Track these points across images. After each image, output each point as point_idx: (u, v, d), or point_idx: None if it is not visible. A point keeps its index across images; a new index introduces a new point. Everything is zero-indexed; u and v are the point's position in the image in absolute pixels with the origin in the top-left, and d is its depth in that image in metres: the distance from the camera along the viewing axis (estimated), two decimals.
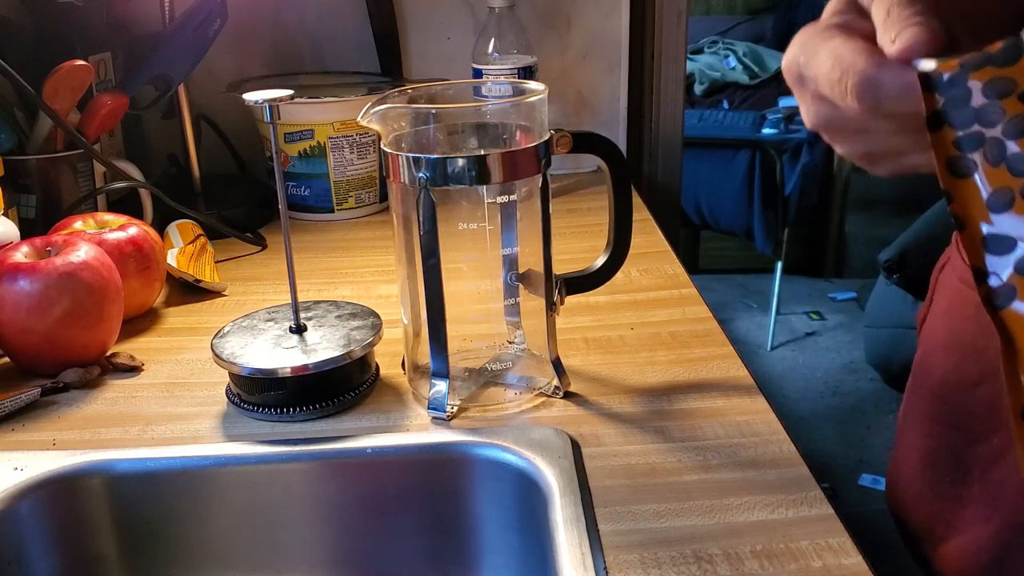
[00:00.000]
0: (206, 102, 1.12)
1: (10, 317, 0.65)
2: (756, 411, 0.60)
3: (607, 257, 0.66)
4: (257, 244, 0.96)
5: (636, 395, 0.63)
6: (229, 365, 0.61)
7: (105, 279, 0.68)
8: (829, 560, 0.47)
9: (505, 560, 0.59)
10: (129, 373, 0.69)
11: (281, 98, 0.58)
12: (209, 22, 0.96)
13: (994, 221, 0.35)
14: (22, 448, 0.59)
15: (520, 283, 0.63)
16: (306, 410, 0.61)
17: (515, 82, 0.69)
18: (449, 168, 0.56)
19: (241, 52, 1.14)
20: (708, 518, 0.50)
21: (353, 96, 1.01)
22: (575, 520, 0.50)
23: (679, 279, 0.83)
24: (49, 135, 0.87)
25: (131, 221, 0.78)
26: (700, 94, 3.23)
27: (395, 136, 0.59)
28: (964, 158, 0.36)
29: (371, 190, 1.06)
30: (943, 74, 0.36)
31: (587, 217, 1.00)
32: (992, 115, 0.35)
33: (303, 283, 0.83)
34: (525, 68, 1.03)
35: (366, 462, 0.58)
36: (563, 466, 0.54)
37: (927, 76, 0.36)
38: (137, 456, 0.58)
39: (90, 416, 0.63)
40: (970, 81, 0.35)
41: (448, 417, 0.60)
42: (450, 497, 0.59)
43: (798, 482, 0.53)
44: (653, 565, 0.47)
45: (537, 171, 0.59)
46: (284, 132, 1.01)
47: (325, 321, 0.65)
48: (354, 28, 1.15)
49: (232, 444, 0.59)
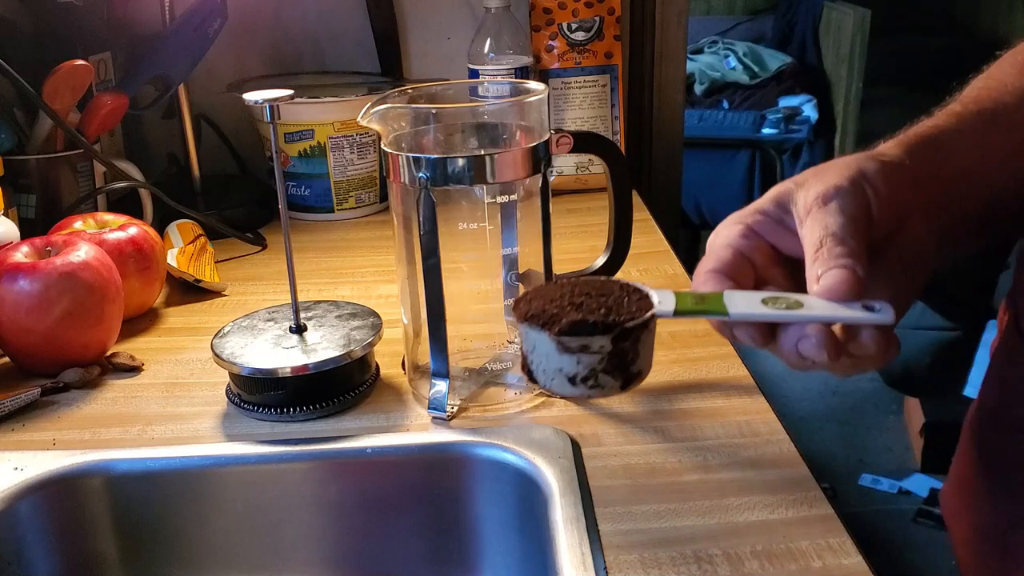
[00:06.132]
0: (206, 102, 1.12)
1: (10, 317, 0.65)
2: (756, 411, 0.60)
3: (607, 257, 0.66)
4: (257, 244, 0.96)
5: (636, 395, 0.63)
6: (229, 365, 0.61)
7: (105, 279, 0.68)
8: (829, 560, 0.47)
9: (505, 560, 0.59)
10: (129, 373, 0.69)
11: (281, 98, 0.58)
12: (209, 22, 0.96)
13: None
14: (22, 448, 0.59)
15: (520, 283, 0.63)
16: (306, 410, 0.61)
17: (515, 82, 0.69)
18: (449, 168, 0.56)
19: (241, 52, 1.14)
20: (708, 518, 0.50)
21: (353, 96, 1.01)
22: (575, 520, 0.50)
23: (679, 279, 0.83)
24: (49, 135, 0.87)
25: (131, 221, 0.78)
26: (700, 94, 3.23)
27: (395, 136, 0.59)
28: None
29: (371, 190, 1.06)
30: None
31: (587, 217, 1.00)
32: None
33: (303, 283, 0.83)
34: (521, 68, 1.03)
35: (366, 462, 0.58)
36: (563, 466, 0.54)
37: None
38: (137, 456, 0.58)
39: (90, 416, 0.63)
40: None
41: (448, 417, 0.60)
42: (450, 497, 0.59)
43: (798, 482, 0.53)
44: (653, 565, 0.47)
45: (537, 171, 0.59)
46: (284, 132, 1.01)
47: (325, 321, 0.65)
48: (354, 28, 1.15)
49: (232, 444, 0.59)
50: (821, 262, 0.42)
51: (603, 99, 1.09)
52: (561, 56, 1.07)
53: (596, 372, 0.42)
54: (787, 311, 0.41)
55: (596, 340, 0.41)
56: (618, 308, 0.42)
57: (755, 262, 0.46)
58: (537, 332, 0.41)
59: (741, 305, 0.41)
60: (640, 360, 0.43)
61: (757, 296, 0.42)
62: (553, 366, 0.42)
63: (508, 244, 0.61)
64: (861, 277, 0.41)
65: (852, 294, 0.41)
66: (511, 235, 0.61)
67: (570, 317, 0.41)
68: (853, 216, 0.43)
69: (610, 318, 0.41)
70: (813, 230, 0.43)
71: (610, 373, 0.42)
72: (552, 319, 0.41)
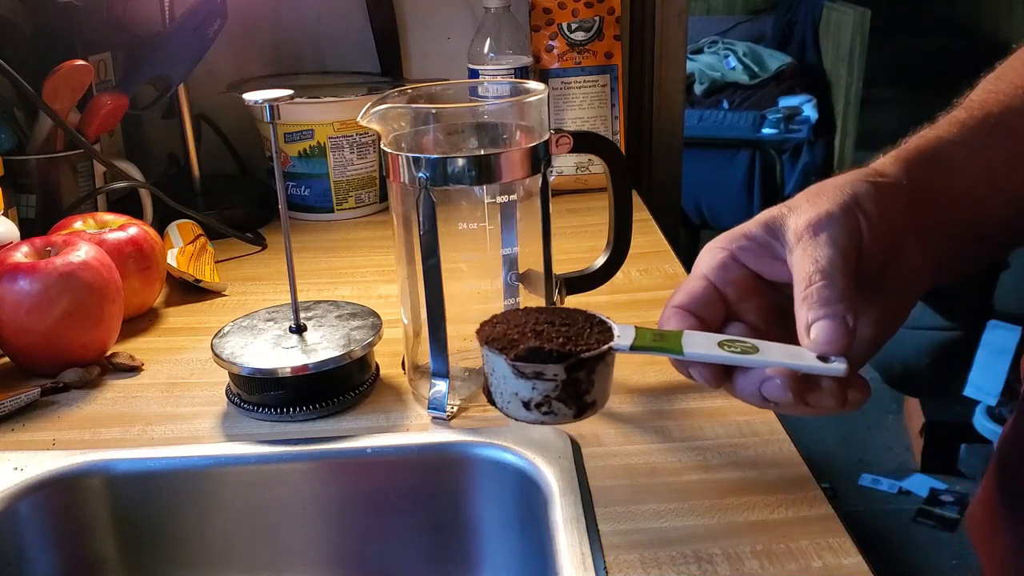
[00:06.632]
0: (206, 102, 1.12)
1: (10, 317, 0.65)
2: (756, 411, 0.60)
3: (607, 257, 0.66)
4: (257, 244, 0.96)
5: (636, 395, 0.63)
6: (229, 365, 0.61)
7: (105, 279, 0.68)
8: (829, 560, 0.47)
9: (505, 560, 0.59)
10: (129, 373, 0.69)
11: (281, 98, 0.58)
12: (209, 22, 0.96)
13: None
14: (22, 448, 0.59)
15: (520, 283, 0.63)
16: (306, 410, 0.61)
17: (515, 82, 0.69)
18: (449, 168, 0.56)
19: (241, 52, 1.14)
20: (708, 518, 0.50)
21: (353, 96, 1.01)
22: (575, 520, 0.50)
23: (679, 279, 0.83)
24: (49, 135, 0.87)
25: (131, 221, 0.78)
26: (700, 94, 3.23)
27: (395, 136, 0.59)
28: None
29: (371, 190, 1.06)
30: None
31: (587, 217, 1.00)
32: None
33: (303, 283, 0.83)
34: (521, 68, 1.03)
35: (366, 462, 0.58)
36: (563, 466, 0.54)
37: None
38: (137, 456, 0.58)
39: (90, 416, 0.63)
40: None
41: (448, 417, 0.60)
42: (450, 497, 0.59)
43: (798, 482, 0.53)
44: (653, 565, 0.47)
45: (537, 171, 0.59)
46: (284, 132, 1.01)
47: (325, 321, 0.65)
48: (354, 28, 1.15)
49: (232, 444, 0.59)
50: (811, 305, 0.42)
51: (603, 99, 1.09)
52: (561, 56, 1.07)
53: (550, 399, 0.43)
54: (742, 355, 0.42)
55: (550, 368, 0.42)
56: (577, 338, 0.43)
57: (728, 295, 0.46)
58: (495, 355, 0.42)
59: (698, 346, 0.43)
60: (595, 391, 0.43)
61: (715, 338, 0.43)
62: (510, 390, 0.43)
63: (508, 244, 0.61)
64: (851, 327, 0.42)
65: (842, 348, 0.41)
66: (511, 235, 0.61)
67: (527, 344, 0.42)
68: (844, 248, 0.43)
69: (567, 348, 0.42)
70: (803, 263, 0.43)
71: (564, 401, 0.43)
72: (511, 344, 0.42)
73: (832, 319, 0.41)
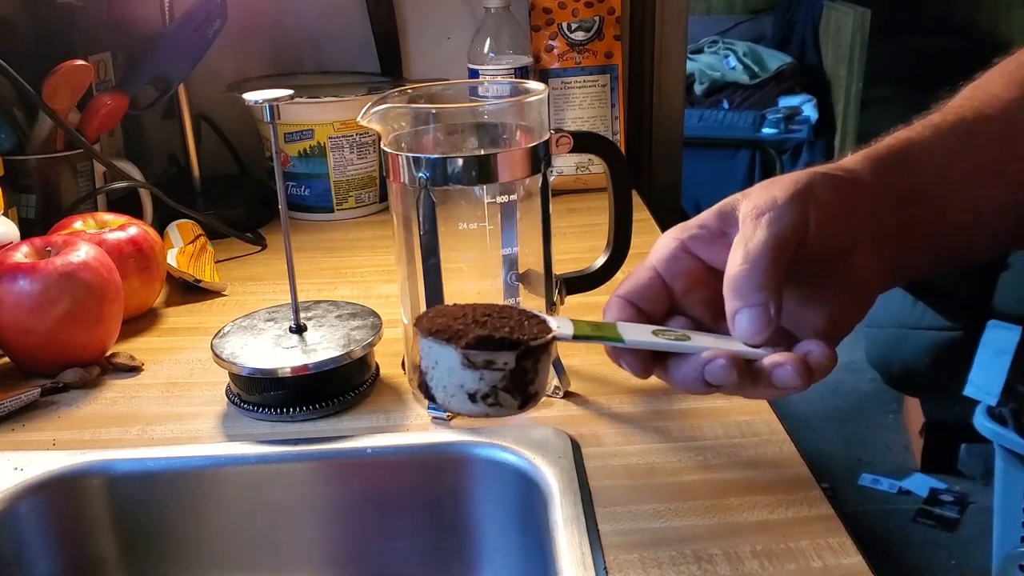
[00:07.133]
0: (206, 102, 1.12)
1: (10, 317, 0.65)
2: (756, 411, 0.60)
3: (607, 257, 0.66)
4: (257, 244, 0.96)
5: (636, 395, 0.63)
6: (229, 365, 0.61)
7: (105, 279, 0.68)
8: (829, 560, 0.47)
9: (505, 560, 0.59)
10: (129, 373, 0.69)
11: (281, 98, 0.58)
12: (209, 22, 0.96)
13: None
14: (22, 448, 0.59)
15: (520, 283, 0.63)
16: (306, 410, 0.61)
17: (515, 82, 0.69)
18: (449, 168, 0.56)
19: (241, 52, 1.14)
20: (708, 518, 0.50)
21: (353, 96, 1.01)
22: (575, 520, 0.50)
23: None
24: (49, 135, 0.87)
25: (131, 221, 0.78)
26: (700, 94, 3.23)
27: (395, 136, 0.59)
28: None
29: (371, 190, 1.06)
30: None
31: (587, 217, 1.00)
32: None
33: (303, 283, 0.83)
34: (521, 68, 1.03)
35: (366, 462, 0.58)
36: (563, 466, 0.54)
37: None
38: (137, 456, 0.58)
39: (90, 416, 0.63)
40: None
41: (448, 417, 0.60)
42: (450, 497, 0.59)
43: (798, 482, 0.53)
44: (653, 565, 0.47)
45: (537, 171, 0.59)
46: (284, 132, 1.01)
47: (325, 321, 0.65)
48: (354, 28, 1.15)
49: (232, 444, 0.59)
50: (734, 291, 0.42)
51: (603, 99, 1.09)
52: (561, 56, 1.07)
53: (497, 390, 0.42)
54: (677, 342, 0.43)
55: (501, 356, 0.41)
56: (520, 329, 0.43)
57: (675, 288, 0.47)
58: (442, 346, 0.42)
59: (634, 334, 0.44)
60: (538, 381, 0.43)
61: (648, 328, 0.45)
62: (455, 382, 0.42)
63: (508, 244, 0.61)
64: (772, 317, 0.42)
65: (763, 338, 0.42)
66: (511, 235, 0.61)
67: (476, 332, 0.41)
68: (781, 236, 0.42)
69: (515, 336, 0.42)
70: (737, 246, 0.43)
71: (510, 392, 0.43)
72: (457, 334, 0.42)
73: (754, 308, 0.42)
